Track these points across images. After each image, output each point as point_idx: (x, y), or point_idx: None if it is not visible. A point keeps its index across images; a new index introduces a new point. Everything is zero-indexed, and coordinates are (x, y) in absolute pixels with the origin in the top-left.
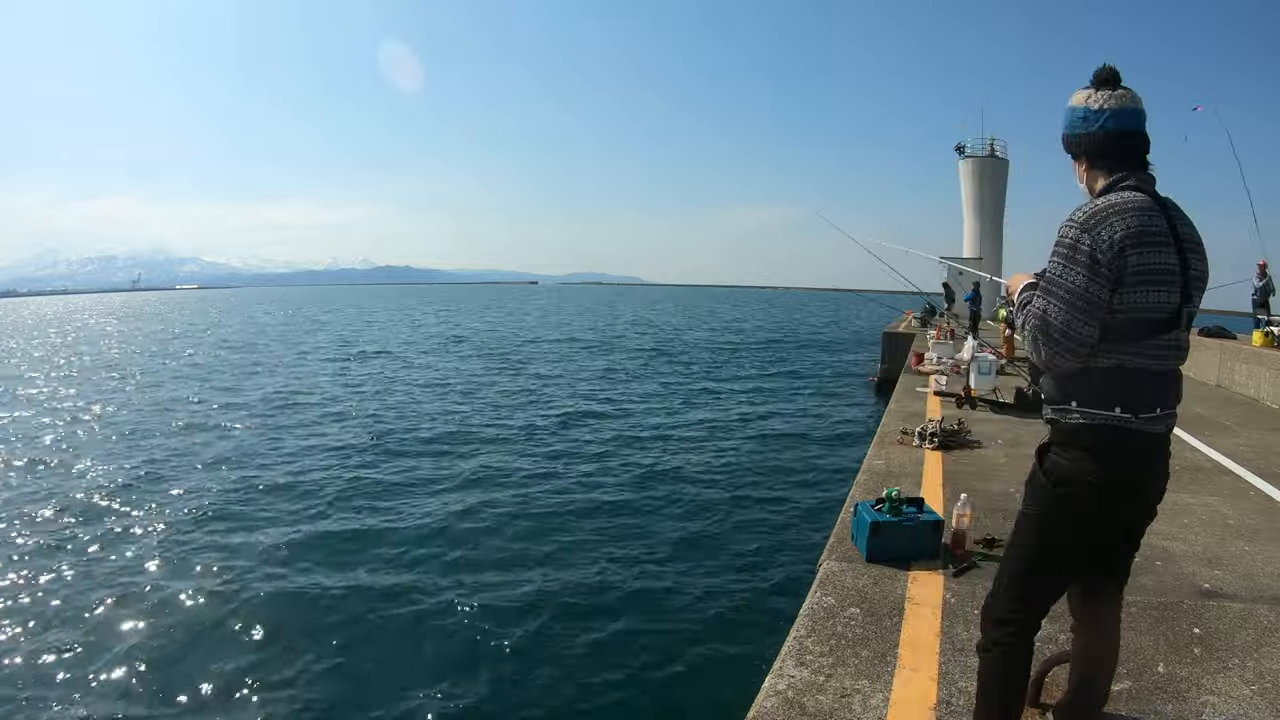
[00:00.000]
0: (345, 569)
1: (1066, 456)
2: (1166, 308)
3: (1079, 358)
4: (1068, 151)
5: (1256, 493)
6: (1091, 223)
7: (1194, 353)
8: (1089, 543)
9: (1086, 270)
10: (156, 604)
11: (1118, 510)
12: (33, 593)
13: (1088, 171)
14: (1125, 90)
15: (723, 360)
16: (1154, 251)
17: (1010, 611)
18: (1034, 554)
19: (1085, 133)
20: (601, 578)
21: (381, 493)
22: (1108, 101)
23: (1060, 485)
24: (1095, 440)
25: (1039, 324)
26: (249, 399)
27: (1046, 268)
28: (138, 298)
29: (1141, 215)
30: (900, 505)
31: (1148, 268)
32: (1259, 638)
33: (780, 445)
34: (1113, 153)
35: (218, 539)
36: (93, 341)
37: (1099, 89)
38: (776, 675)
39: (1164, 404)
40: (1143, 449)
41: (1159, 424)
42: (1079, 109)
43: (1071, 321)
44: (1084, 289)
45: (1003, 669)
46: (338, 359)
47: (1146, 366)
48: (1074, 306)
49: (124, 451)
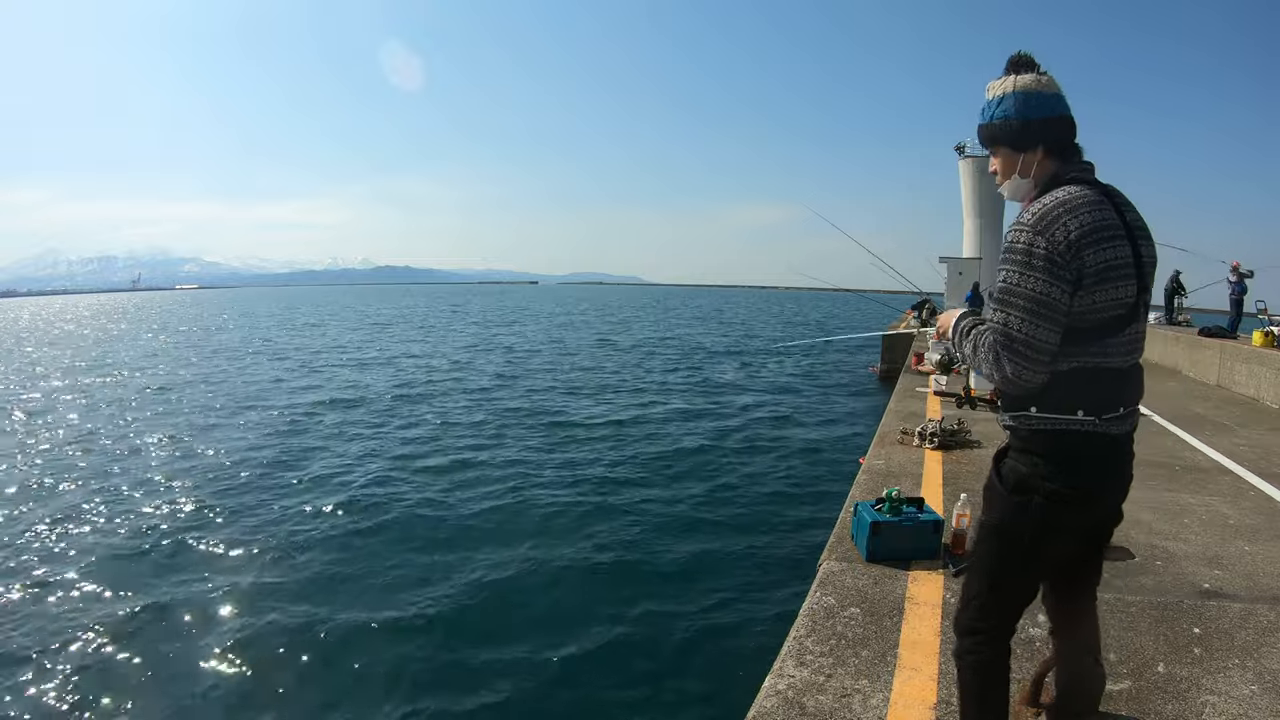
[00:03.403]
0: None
1: (1024, 463)
2: (1125, 302)
3: (1046, 368)
4: (1017, 142)
5: (1256, 493)
6: (1043, 224)
7: (1194, 352)
8: (1050, 550)
9: (1046, 274)
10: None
11: (1079, 518)
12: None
13: (1041, 162)
14: (1044, 72)
15: (720, 359)
16: (1109, 247)
17: (976, 620)
18: (994, 563)
19: (1044, 117)
20: (600, 577)
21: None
22: (1051, 87)
23: (1017, 493)
24: (1054, 446)
25: (1000, 339)
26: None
27: (997, 281)
28: (137, 298)
29: (1092, 210)
30: (900, 505)
31: (1105, 264)
32: (1259, 638)
33: (779, 444)
34: (1068, 139)
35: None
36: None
37: (1038, 72)
38: (776, 675)
39: (1127, 402)
40: (1104, 453)
41: (1122, 424)
42: (1019, 92)
43: (1036, 330)
44: (1046, 294)
45: (976, 678)
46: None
47: (1108, 365)
48: (1037, 314)
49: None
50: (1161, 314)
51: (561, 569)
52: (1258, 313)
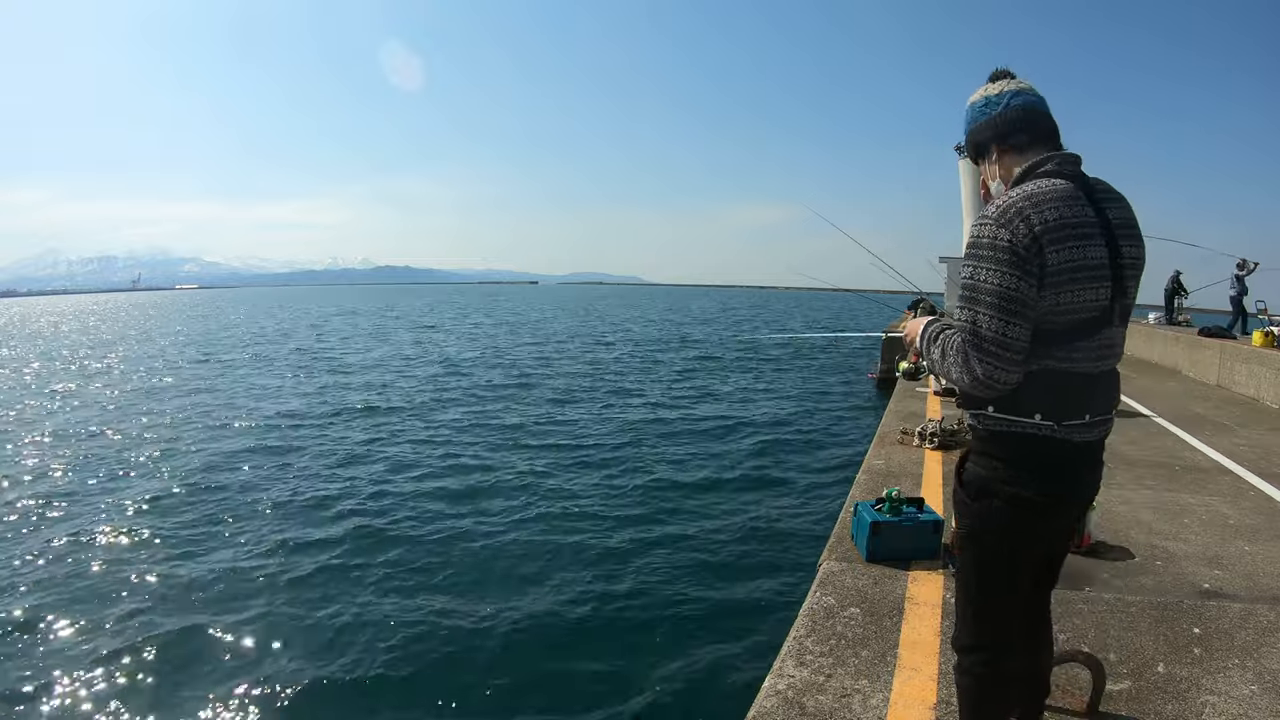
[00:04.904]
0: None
1: (984, 466)
2: (1095, 305)
3: (1018, 367)
4: (975, 153)
5: (1256, 493)
6: (1005, 217)
7: (1194, 352)
8: (1022, 554)
9: (1011, 267)
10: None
11: (1042, 522)
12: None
13: (1000, 160)
14: (1024, 81)
15: (718, 358)
16: (1075, 246)
17: (974, 636)
18: (970, 573)
19: (989, 117)
20: (599, 577)
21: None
22: (1007, 86)
23: (979, 499)
24: (1011, 450)
25: (968, 339)
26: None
27: (962, 279)
28: (136, 297)
29: (1060, 205)
30: (900, 505)
31: (1070, 264)
32: (1259, 638)
33: (779, 444)
34: (1023, 127)
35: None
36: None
37: (994, 82)
38: (776, 675)
39: (1095, 410)
40: (1064, 461)
41: (1087, 432)
42: (979, 100)
43: (1006, 327)
44: (1014, 289)
45: (974, 697)
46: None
47: (1075, 370)
48: (1006, 310)
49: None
50: (1161, 314)
51: (557, 568)
52: (1258, 313)
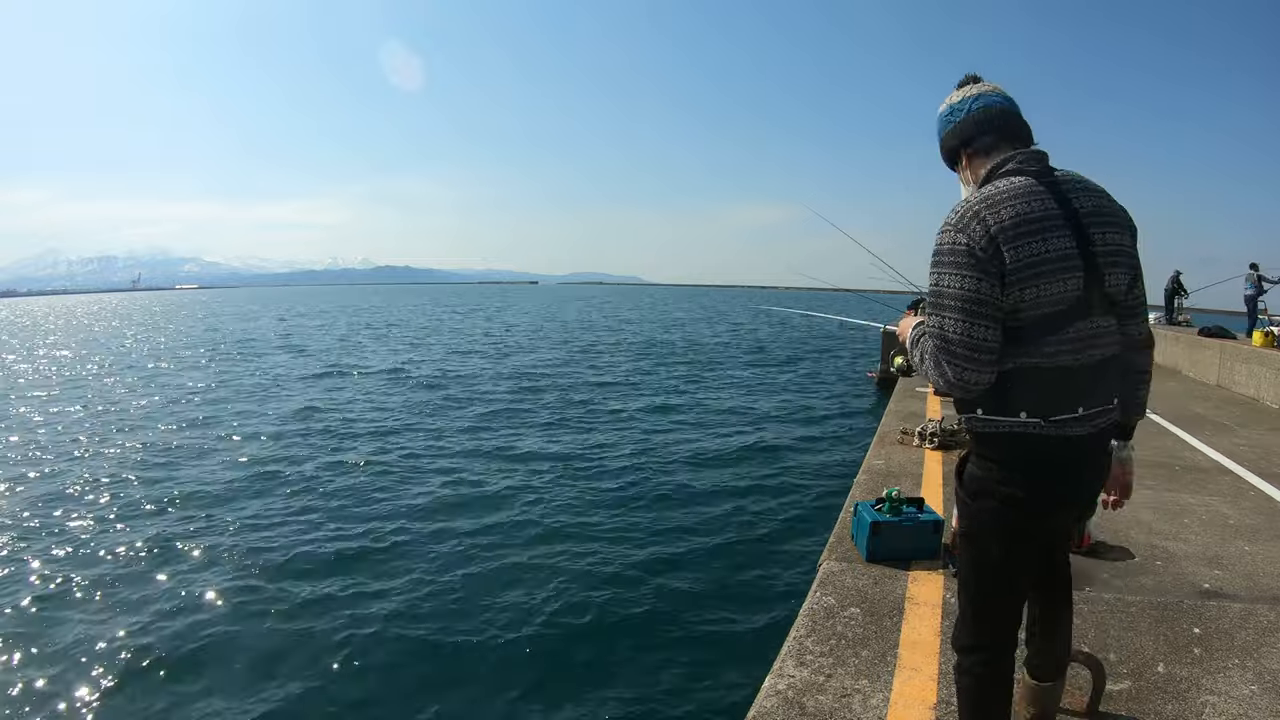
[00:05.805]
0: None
1: (980, 467)
2: (1065, 298)
3: (989, 367)
4: (948, 160)
5: (1256, 493)
6: (963, 221)
7: (1194, 352)
8: (1020, 554)
9: (971, 270)
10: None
11: (1039, 521)
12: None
13: (970, 164)
14: (989, 84)
15: (717, 358)
16: (1035, 241)
17: (974, 636)
18: (973, 574)
19: (954, 124)
20: (598, 577)
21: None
22: (971, 91)
23: (977, 498)
24: (1003, 450)
25: (938, 343)
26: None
27: (929, 285)
28: (135, 297)
29: (1017, 202)
30: (900, 505)
31: (1031, 259)
32: (1259, 638)
33: (779, 444)
34: (987, 130)
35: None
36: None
37: (960, 89)
38: (776, 675)
39: (1087, 402)
40: (1057, 456)
41: (1079, 425)
42: (944, 109)
43: (971, 329)
44: (976, 290)
45: (974, 697)
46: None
47: (1054, 364)
48: (970, 313)
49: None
50: (1161, 314)
51: (556, 568)
52: (1258, 313)
